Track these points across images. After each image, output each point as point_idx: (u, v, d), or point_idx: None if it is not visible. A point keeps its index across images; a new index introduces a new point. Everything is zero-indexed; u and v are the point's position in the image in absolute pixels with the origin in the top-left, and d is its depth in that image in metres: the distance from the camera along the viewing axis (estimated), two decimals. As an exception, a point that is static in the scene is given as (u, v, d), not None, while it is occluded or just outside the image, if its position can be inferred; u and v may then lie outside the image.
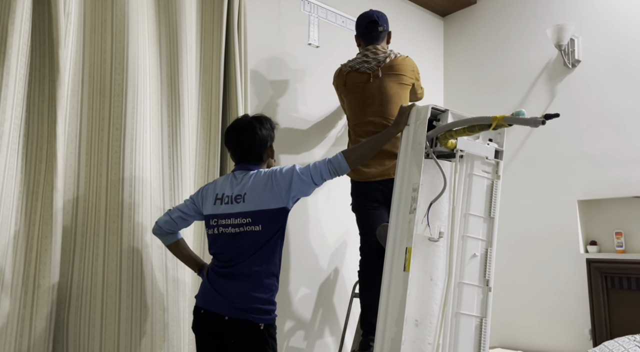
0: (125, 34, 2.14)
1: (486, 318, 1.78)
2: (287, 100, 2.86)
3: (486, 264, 1.82)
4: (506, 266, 3.21)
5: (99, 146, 2.09)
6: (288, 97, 2.86)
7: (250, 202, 1.76)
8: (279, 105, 2.82)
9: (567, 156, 3.08)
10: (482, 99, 3.59)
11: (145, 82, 2.19)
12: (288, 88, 2.87)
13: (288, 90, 2.87)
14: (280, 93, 2.84)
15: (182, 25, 2.33)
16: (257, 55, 2.74)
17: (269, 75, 2.80)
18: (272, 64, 2.82)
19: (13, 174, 1.87)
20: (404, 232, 1.71)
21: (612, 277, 2.73)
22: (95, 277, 1.99)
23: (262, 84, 2.76)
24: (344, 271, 3.00)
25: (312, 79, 2.98)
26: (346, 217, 2.88)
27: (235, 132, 1.88)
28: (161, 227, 1.90)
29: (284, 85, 2.86)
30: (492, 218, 1.86)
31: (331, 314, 2.91)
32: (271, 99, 2.79)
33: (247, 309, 1.70)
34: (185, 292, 2.21)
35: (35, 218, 1.91)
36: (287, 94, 2.86)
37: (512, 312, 3.20)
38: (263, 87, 2.76)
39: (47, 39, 2.00)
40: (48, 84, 1.99)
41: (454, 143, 1.76)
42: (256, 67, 2.73)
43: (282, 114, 2.81)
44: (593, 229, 3.02)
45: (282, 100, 2.84)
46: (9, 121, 1.83)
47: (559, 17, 3.20)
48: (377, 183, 2.32)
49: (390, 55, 2.41)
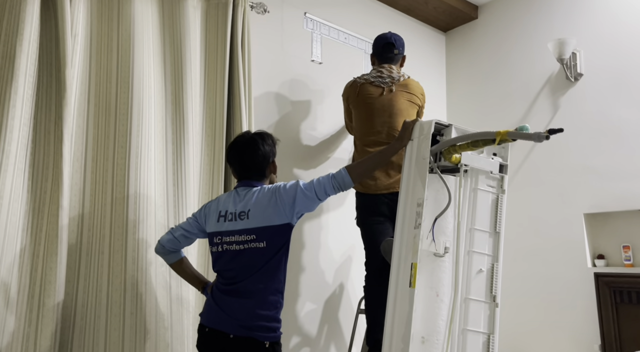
0: (131, 54, 2.17)
1: (494, 334, 1.76)
2: (292, 117, 2.88)
3: (492, 279, 1.81)
4: (513, 281, 3.18)
5: (104, 164, 2.10)
6: (292, 114, 2.88)
7: (254, 218, 1.75)
8: (283, 122, 2.83)
9: (571, 169, 3.07)
10: (485, 113, 3.59)
11: (150, 101, 2.21)
12: (292, 105, 2.89)
13: (292, 107, 2.89)
14: (284, 110, 2.85)
15: (187, 44, 2.36)
16: (261, 72, 2.76)
17: (272, 92, 2.82)
18: (275, 81, 2.84)
19: (19, 193, 1.88)
20: (409, 247, 1.70)
21: (620, 292, 2.70)
22: (99, 296, 1.99)
23: (266, 101, 2.78)
24: (349, 287, 2.98)
25: (315, 95, 3.00)
26: (351, 232, 2.87)
27: (237, 149, 1.88)
28: (164, 245, 1.89)
29: (289, 102, 2.88)
30: (498, 233, 1.86)
31: (337, 330, 2.89)
32: (275, 116, 2.81)
33: (252, 326, 1.68)
34: (189, 310, 2.20)
35: (40, 236, 1.92)
36: (291, 110, 2.88)
37: (520, 328, 3.16)
38: (267, 104, 2.78)
39: (54, 60, 2.04)
40: (55, 104, 2.01)
41: (458, 158, 1.76)
42: (260, 85, 2.75)
43: (286, 130, 2.83)
44: (600, 243, 2.99)
45: (286, 117, 2.85)
46: (16, 141, 1.86)
47: (560, 31, 3.22)
48: (383, 196, 2.32)
49: (404, 75, 2.51)
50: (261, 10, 2.76)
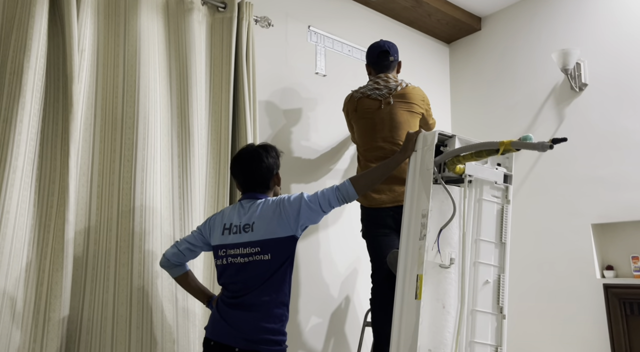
0: (137, 69, 2.20)
1: (501, 347, 1.74)
2: (296, 129, 2.89)
3: (499, 290, 1.79)
4: (520, 292, 3.15)
5: (111, 178, 2.11)
6: (297, 126, 2.90)
7: (259, 231, 1.75)
8: (288, 135, 2.85)
9: (578, 180, 3.05)
10: (489, 124, 3.59)
11: (155, 115, 2.23)
12: (297, 117, 2.91)
13: (297, 119, 2.91)
14: (289, 122, 2.87)
15: (192, 59, 2.38)
16: (266, 85, 2.78)
17: (277, 105, 2.84)
18: (280, 93, 2.86)
19: (26, 207, 1.90)
20: (415, 259, 1.69)
21: (630, 303, 2.66)
22: (105, 310, 1.99)
23: (271, 113, 2.80)
24: (355, 299, 2.96)
25: (320, 107, 3.02)
26: (357, 244, 2.87)
27: (241, 162, 1.89)
28: (169, 259, 1.89)
29: (293, 115, 2.90)
30: (504, 243, 1.84)
31: (343, 343, 2.86)
32: (280, 128, 2.82)
33: (258, 340, 1.68)
34: (196, 323, 2.19)
35: (46, 251, 1.92)
36: (295, 123, 2.90)
37: (528, 340, 3.11)
38: (271, 117, 2.80)
39: (62, 75, 2.06)
40: (62, 119, 2.03)
41: (462, 168, 1.76)
42: (264, 97, 2.77)
43: (291, 142, 2.84)
44: (609, 254, 2.96)
45: (291, 130, 2.87)
46: (22, 155, 1.87)
47: (563, 41, 3.22)
48: (387, 209, 2.31)
49: (401, 83, 2.46)
50: (265, 24, 2.79)
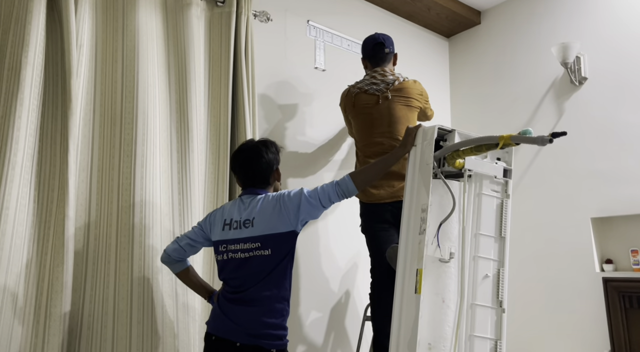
0: (136, 64, 2.19)
1: (501, 340, 1.75)
2: (295, 123, 2.89)
3: (499, 284, 1.80)
4: (520, 286, 3.16)
5: (110, 173, 2.11)
6: (296, 121, 2.89)
7: (259, 226, 1.76)
8: (287, 129, 2.85)
9: (578, 174, 3.05)
10: (489, 118, 3.59)
11: (155, 110, 2.23)
12: (296, 112, 2.90)
13: (296, 114, 2.90)
14: (288, 117, 2.86)
15: (191, 54, 2.38)
16: (265, 80, 2.78)
17: (276, 99, 2.83)
18: (279, 88, 2.86)
19: (25, 204, 1.90)
20: (414, 253, 1.69)
21: (629, 297, 2.67)
22: (106, 305, 1.99)
23: (270, 108, 2.79)
24: (355, 294, 2.97)
25: (319, 102, 3.01)
26: (356, 239, 2.87)
27: (241, 157, 1.89)
28: (170, 255, 1.90)
29: (292, 109, 2.89)
30: (503, 238, 1.85)
31: (343, 338, 2.87)
32: (279, 123, 2.82)
33: (259, 334, 1.68)
34: (196, 319, 2.20)
35: (47, 247, 1.93)
36: (295, 117, 2.89)
37: (527, 333, 3.13)
38: (271, 111, 2.79)
39: (60, 70, 2.06)
40: (60, 115, 2.03)
41: (461, 163, 1.76)
42: (264, 92, 2.77)
43: (290, 137, 2.84)
44: (608, 247, 2.97)
45: (290, 124, 2.86)
46: (22, 151, 1.87)
47: (563, 35, 3.21)
48: (386, 205, 2.31)
49: (399, 78, 2.44)
50: (264, 18, 2.78)
